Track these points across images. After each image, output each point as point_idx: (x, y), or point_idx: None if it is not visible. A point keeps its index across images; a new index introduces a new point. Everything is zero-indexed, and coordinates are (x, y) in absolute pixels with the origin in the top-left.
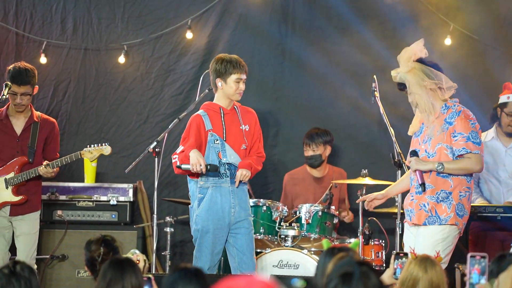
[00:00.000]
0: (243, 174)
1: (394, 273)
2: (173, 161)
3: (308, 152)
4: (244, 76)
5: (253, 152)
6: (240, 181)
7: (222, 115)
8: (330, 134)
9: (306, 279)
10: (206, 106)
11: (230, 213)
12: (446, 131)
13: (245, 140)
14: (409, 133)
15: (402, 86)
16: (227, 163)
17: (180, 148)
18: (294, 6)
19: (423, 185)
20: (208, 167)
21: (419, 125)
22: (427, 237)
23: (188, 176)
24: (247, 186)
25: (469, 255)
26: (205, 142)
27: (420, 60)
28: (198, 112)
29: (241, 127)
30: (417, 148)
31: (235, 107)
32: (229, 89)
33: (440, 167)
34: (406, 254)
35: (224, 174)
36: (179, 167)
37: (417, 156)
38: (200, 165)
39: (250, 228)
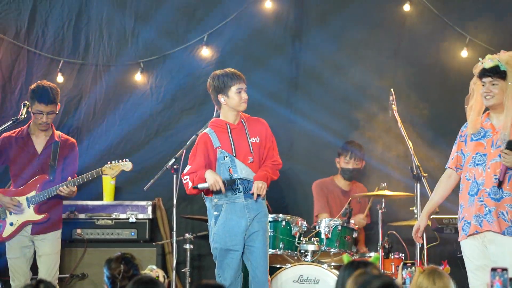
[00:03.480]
0: (258, 186)
1: (404, 283)
2: (184, 181)
3: (349, 165)
4: (244, 85)
5: (268, 161)
6: (258, 195)
7: (229, 131)
8: (363, 147)
9: None
10: (213, 123)
11: (246, 227)
12: None
13: (252, 154)
14: (469, 132)
15: (494, 72)
16: (238, 178)
17: (188, 167)
18: (308, 21)
19: (501, 182)
20: (226, 183)
21: (478, 127)
22: (509, 247)
23: (203, 194)
24: (265, 200)
25: (490, 268)
26: (214, 160)
27: None
28: (205, 131)
29: (250, 140)
30: (482, 152)
31: (242, 120)
32: (232, 102)
33: None
34: (413, 264)
35: (237, 189)
36: (195, 187)
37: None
38: (219, 183)
39: (264, 239)
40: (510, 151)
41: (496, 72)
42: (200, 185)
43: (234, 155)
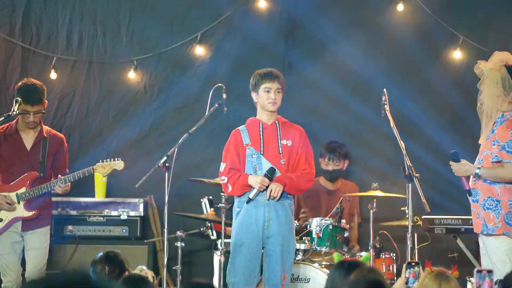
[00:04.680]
0: (273, 188)
1: (406, 283)
2: (222, 181)
3: (329, 166)
4: (274, 86)
5: (298, 169)
6: (277, 197)
7: (261, 129)
8: (347, 146)
9: None
10: (248, 121)
11: (264, 227)
12: (489, 138)
13: (280, 155)
14: (480, 142)
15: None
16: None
17: (223, 165)
18: (301, 20)
19: (468, 192)
20: (268, 176)
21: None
22: (488, 247)
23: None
24: (292, 202)
25: (475, 270)
26: (243, 157)
27: (510, 68)
28: (238, 127)
29: (281, 142)
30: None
31: (276, 121)
32: (261, 100)
33: (478, 172)
34: (418, 263)
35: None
36: (249, 201)
37: (457, 160)
38: (266, 182)
39: (284, 244)
40: (454, 162)
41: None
42: (252, 195)
43: (262, 153)
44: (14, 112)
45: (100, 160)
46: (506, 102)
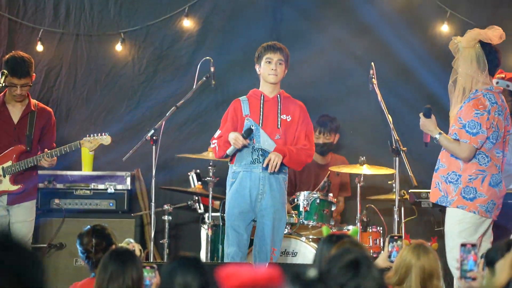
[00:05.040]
0: (271, 158)
1: (389, 256)
2: (212, 146)
3: (320, 140)
4: (276, 57)
5: (298, 144)
6: (276, 168)
7: (261, 101)
8: (337, 120)
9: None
10: (250, 92)
11: (257, 199)
12: (457, 114)
13: (279, 130)
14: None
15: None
16: (260, 148)
17: (218, 132)
18: None
19: (425, 144)
20: (244, 135)
21: None
22: (446, 219)
23: (228, 162)
24: (286, 177)
25: (460, 243)
26: (241, 127)
27: (485, 45)
28: (240, 97)
29: (280, 117)
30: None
31: (278, 95)
32: (263, 71)
33: (437, 136)
34: (400, 237)
35: (256, 159)
36: (227, 156)
37: (428, 116)
38: (240, 140)
39: (275, 218)
40: (423, 116)
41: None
42: (228, 150)
43: (260, 125)
44: (1, 85)
45: (87, 135)
46: (480, 81)
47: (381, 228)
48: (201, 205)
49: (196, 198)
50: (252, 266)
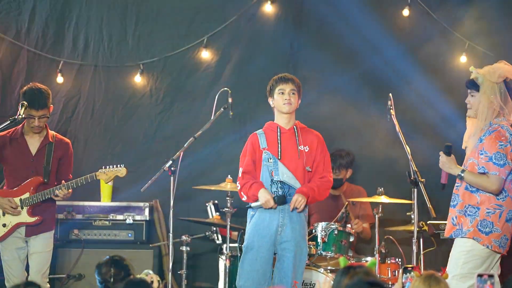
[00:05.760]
0: (298, 200)
1: (403, 287)
2: (238, 188)
3: None
4: (288, 87)
5: (316, 176)
6: (299, 209)
7: (278, 134)
8: (351, 155)
9: None
10: (266, 125)
11: (277, 232)
12: (477, 147)
13: (303, 161)
14: (463, 146)
15: (470, 85)
16: (279, 181)
17: (240, 170)
18: (308, 21)
19: (443, 185)
20: (276, 199)
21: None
22: (454, 248)
23: None
24: (306, 209)
25: (476, 274)
26: (259, 160)
27: (505, 81)
28: (256, 131)
29: (299, 148)
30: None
31: (295, 127)
32: (276, 103)
33: (462, 174)
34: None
35: (275, 192)
36: (250, 208)
37: (449, 154)
38: (271, 204)
39: (295, 250)
40: (444, 154)
41: (473, 84)
42: (253, 204)
43: (279, 158)
44: (20, 116)
45: (103, 167)
46: (496, 112)
47: (399, 260)
48: (219, 236)
49: (214, 228)
50: None
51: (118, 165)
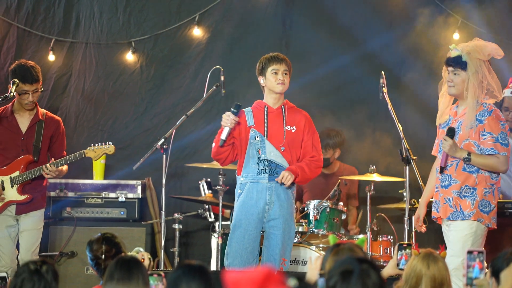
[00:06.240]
0: (284, 175)
1: (398, 264)
2: (213, 146)
3: None
4: (282, 67)
5: (306, 156)
6: (286, 184)
7: (266, 113)
8: (341, 135)
9: (299, 276)
10: (255, 103)
11: (265, 210)
12: (475, 128)
13: (284, 141)
14: (437, 123)
15: (454, 63)
16: (266, 159)
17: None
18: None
19: (442, 169)
20: (232, 109)
21: (447, 117)
22: (457, 231)
23: (236, 174)
24: (293, 187)
25: (466, 250)
26: (246, 138)
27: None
28: (244, 109)
29: (285, 128)
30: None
31: (282, 106)
32: (269, 83)
33: (468, 157)
34: (409, 245)
35: (262, 170)
36: (221, 144)
37: (453, 136)
38: (231, 117)
39: (284, 228)
40: (449, 138)
41: (458, 63)
42: (222, 135)
43: (265, 136)
44: (11, 94)
45: (92, 144)
46: (485, 90)
47: (391, 237)
48: (212, 214)
49: (207, 206)
50: (253, 270)
51: (107, 143)
